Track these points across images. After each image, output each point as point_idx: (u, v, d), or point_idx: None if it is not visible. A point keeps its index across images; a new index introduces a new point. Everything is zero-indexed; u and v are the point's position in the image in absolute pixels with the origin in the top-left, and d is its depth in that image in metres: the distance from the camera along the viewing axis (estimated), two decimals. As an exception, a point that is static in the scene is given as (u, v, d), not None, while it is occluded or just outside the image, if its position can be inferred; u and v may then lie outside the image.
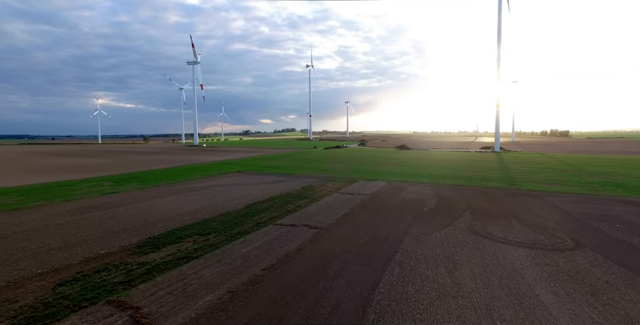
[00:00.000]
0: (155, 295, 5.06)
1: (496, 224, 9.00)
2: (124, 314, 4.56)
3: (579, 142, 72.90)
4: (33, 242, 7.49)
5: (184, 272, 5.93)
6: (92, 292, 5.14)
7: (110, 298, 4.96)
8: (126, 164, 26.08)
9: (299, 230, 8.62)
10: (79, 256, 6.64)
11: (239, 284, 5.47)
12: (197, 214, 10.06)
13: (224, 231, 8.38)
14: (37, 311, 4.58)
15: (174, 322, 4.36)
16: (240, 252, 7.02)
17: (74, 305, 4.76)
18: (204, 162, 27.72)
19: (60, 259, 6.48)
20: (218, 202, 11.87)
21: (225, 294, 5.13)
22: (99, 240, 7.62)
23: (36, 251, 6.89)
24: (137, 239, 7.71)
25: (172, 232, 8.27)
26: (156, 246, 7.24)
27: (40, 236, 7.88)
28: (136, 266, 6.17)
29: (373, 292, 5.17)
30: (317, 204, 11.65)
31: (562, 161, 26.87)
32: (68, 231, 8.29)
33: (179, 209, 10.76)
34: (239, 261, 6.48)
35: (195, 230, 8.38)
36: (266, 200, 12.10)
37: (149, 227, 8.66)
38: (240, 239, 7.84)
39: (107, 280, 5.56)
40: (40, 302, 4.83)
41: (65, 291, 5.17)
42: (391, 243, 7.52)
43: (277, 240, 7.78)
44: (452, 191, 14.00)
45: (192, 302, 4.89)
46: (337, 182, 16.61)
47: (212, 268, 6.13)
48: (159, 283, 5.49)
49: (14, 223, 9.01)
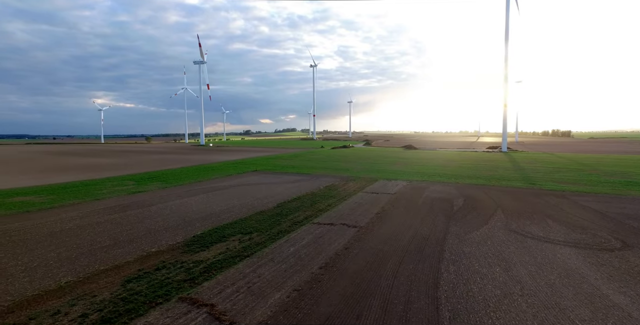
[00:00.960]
0: (223, 293, 5.12)
1: (532, 223, 9.06)
2: (200, 311, 4.62)
3: (582, 142, 72.97)
4: (83, 239, 7.55)
5: (242, 271, 5.99)
6: (161, 289, 5.20)
7: (181, 295, 5.02)
8: (139, 164, 26.13)
9: (339, 229, 8.68)
10: (133, 254, 6.70)
11: (302, 282, 5.53)
12: (231, 213, 10.12)
13: (265, 230, 8.44)
14: (118, 306, 4.65)
15: (253, 319, 4.42)
16: (288, 250, 7.07)
17: (150, 301, 4.82)
18: (217, 161, 27.76)
19: (116, 256, 6.54)
20: (247, 201, 11.92)
21: (292, 292, 5.19)
22: (145, 239, 7.68)
23: (91, 248, 6.96)
24: (181, 238, 7.77)
25: (213, 231, 8.33)
26: (204, 245, 7.30)
27: (88, 234, 7.94)
28: (193, 264, 6.23)
29: (438, 290, 5.24)
30: (346, 203, 11.71)
31: (574, 161, 26.93)
32: (112, 229, 8.35)
33: (210, 208, 10.81)
34: (292, 259, 6.54)
35: (236, 229, 8.44)
36: (294, 200, 12.16)
37: (188, 226, 8.72)
38: (283, 237, 7.89)
39: (170, 278, 5.62)
40: (117, 298, 4.90)
41: (135, 288, 5.23)
42: (435, 241, 7.58)
43: (321, 238, 7.84)
44: (475, 191, 14.05)
45: (263, 299, 4.95)
46: (358, 181, 16.67)
47: (268, 266, 6.19)
48: (222, 281, 5.55)
49: (57, 220, 9.08)
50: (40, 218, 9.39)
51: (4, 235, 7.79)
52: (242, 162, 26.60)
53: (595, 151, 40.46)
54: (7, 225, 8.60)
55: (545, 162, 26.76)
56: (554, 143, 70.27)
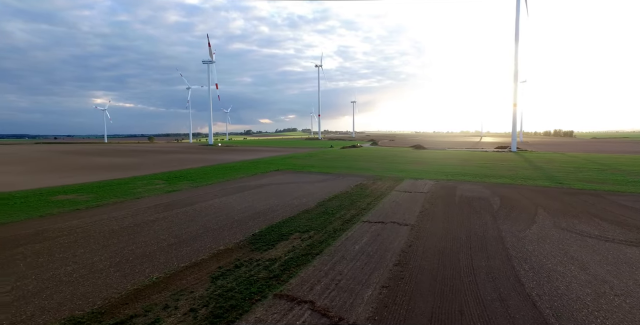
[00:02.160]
0: (314, 290, 5.19)
1: (580, 222, 9.13)
2: (302, 307, 4.69)
3: (587, 142, 73.14)
4: (147, 237, 7.62)
5: (320, 268, 6.06)
6: (252, 286, 5.27)
7: (275, 292, 5.09)
8: (158, 163, 26.17)
9: (391, 227, 8.77)
10: (204, 252, 6.77)
11: (385, 279, 5.61)
12: (277, 212, 10.19)
13: (320, 229, 8.51)
14: (219, 302, 4.73)
15: (359, 315, 4.49)
16: (354, 248, 7.15)
17: (247, 298, 4.89)
18: (234, 161, 27.81)
19: (189, 254, 6.61)
20: (286, 200, 11.99)
21: (381, 289, 5.27)
22: (206, 237, 7.75)
23: (160, 246, 7.03)
24: (242, 236, 7.84)
25: (270, 229, 8.40)
26: (268, 243, 7.37)
27: (148, 231, 8.01)
28: (268, 262, 6.30)
29: (524, 287, 5.31)
30: (385, 202, 11.80)
31: (590, 160, 27.05)
32: (168, 227, 8.41)
33: (253, 207, 10.88)
34: (363, 257, 6.62)
35: (291, 228, 8.51)
36: (332, 199, 12.23)
37: (242, 225, 8.79)
38: (341, 236, 7.97)
39: (254, 276, 5.69)
40: (214, 294, 4.97)
41: (226, 284, 5.30)
42: (493, 239, 7.66)
43: (379, 236, 7.92)
44: (506, 190, 14.13)
45: (357, 296, 5.03)
46: (385, 180, 16.75)
47: (343, 264, 6.26)
48: (306, 278, 5.62)
49: (110, 219, 9.15)
50: (93, 216, 9.45)
51: (71, 233, 7.85)
52: (260, 162, 26.65)
53: (605, 151, 40.58)
54: (66, 223, 8.66)
55: (560, 161, 26.87)
56: (559, 143, 70.43)
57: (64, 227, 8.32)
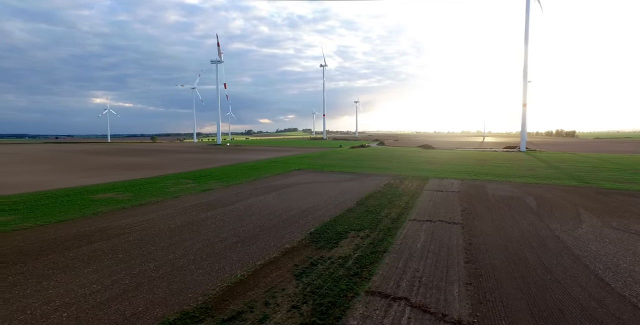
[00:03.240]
0: (402, 287, 5.26)
1: (630, 222, 9.19)
2: (400, 303, 4.76)
3: (593, 142, 73.30)
4: (207, 235, 7.69)
5: (394, 266, 6.12)
6: (338, 283, 5.33)
7: (365, 289, 5.15)
8: (175, 162, 26.21)
9: (441, 225, 8.84)
10: (273, 250, 6.83)
11: (465, 276, 5.67)
12: (322, 211, 10.25)
13: (372, 227, 8.58)
14: (316, 298, 4.79)
15: (459, 311, 4.55)
16: (416, 246, 7.22)
17: (341, 294, 4.95)
18: (250, 160, 27.86)
19: (259, 252, 6.67)
20: (324, 199, 12.05)
21: (466, 286, 5.33)
22: (266, 235, 7.80)
23: (225, 244, 7.09)
24: (300, 235, 7.90)
25: (324, 228, 8.46)
26: (329, 241, 7.43)
27: (205, 230, 8.07)
28: (341, 260, 6.36)
29: (611, 286, 5.36)
30: (422, 201, 11.87)
31: (605, 160, 27.15)
32: (223, 226, 8.47)
33: (296, 205, 10.93)
34: (431, 255, 6.68)
35: (345, 226, 8.57)
36: (369, 198, 12.29)
37: (294, 224, 8.85)
38: (397, 234, 8.04)
39: (334, 273, 5.75)
40: (306, 291, 5.04)
41: (312, 282, 5.37)
42: (549, 238, 7.73)
43: (434, 234, 8.01)
44: (536, 189, 14.21)
45: (446, 293, 5.09)
46: (411, 180, 16.82)
47: (415, 261, 6.33)
48: (387, 276, 5.69)
49: (161, 217, 9.21)
50: (143, 214, 9.51)
51: (132, 231, 7.91)
52: (276, 161, 26.70)
53: (615, 151, 40.71)
54: (122, 221, 8.72)
55: (576, 161, 26.97)
56: (564, 143, 70.58)
57: (123, 225, 8.37)
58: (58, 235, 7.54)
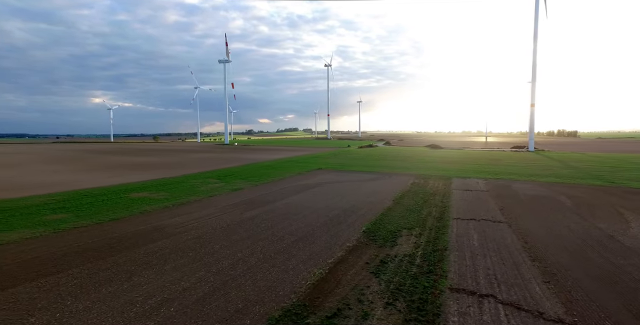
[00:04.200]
0: (482, 284, 5.30)
1: (676, 220, 9.23)
2: (489, 300, 4.81)
3: (596, 142, 73.50)
4: (264, 234, 7.72)
5: (463, 263, 6.17)
6: (418, 280, 5.38)
7: (448, 286, 5.19)
8: (193, 162, 26.23)
9: (487, 224, 8.90)
10: (336, 248, 6.88)
11: (539, 274, 5.71)
12: (362, 210, 10.31)
13: (420, 226, 8.63)
14: (405, 296, 4.82)
15: (554, 309, 4.60)
16: (473, 244, 7.28)
17: (428, 291, 5.00)
18: (266, 160, 27.90)
19: (323, 250, 6.71)
20: (358, 198, 12.10)
21: (545, 283, 5.37)
22: (320, 234, 7.85)
23: (286, 243, 7.13)
24: (354, 233, 7.94)
25: (374, 226, 8.50)
26: (386, 239, 7.48)
27: (259, 229, 8.11)
28: (408, 258, 6.41)
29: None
30: (455, 200, 11.94)
31: (621, 160, 27.27)
32: (273, 225, 8.50)
33: (334, 205, 10.97)
34: (493, 253, 6.73)
35: (394, 225, 8.62)
36: (402, 197, 12.34)
37: (341, 222, 8.89)
38: (448, 232, 8.09)
39: (409, 270, 5.81)
40: (391, 288, 5.08)
41: (391, 279, 5.42)
42: (605, 238, 7.77)
43: (486, 233, 8.06)
44: (564, 189, 14.27)
45: (530, 290, 5.13)
46: (434, 179, 16.88)
47: (480, 259, 6.38)
48: (462, 273, 5.73)
49: (206, 216, 9.24)
50: (187, 213, 9.54)
51: (188, 229, 7.94)
52: (292, 161, 26.75)
53: (624, 151, 40.85)
54: (171, 220, 8.76)
55: (591, 161, 27.07)
56: (568, 143, 70.75)
57: (174, 224, 8.41)
58: (119, 233, 7.57)
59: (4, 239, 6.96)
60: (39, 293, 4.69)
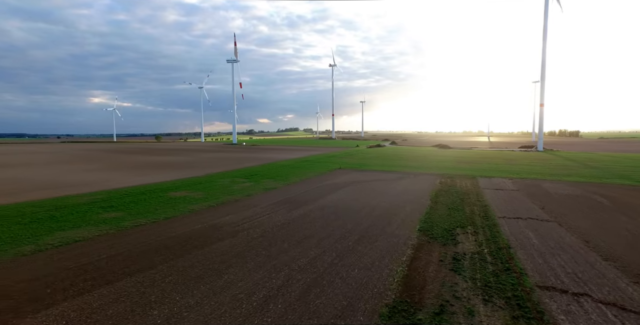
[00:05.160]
0: (565, 282, 5.36)
1: None
2: (586, 299, 4.86)
3: (601, 142, 73.67)
4: (322, 232, 7.78)
5: (534, 261, 6.24)
6: (500, 277, 5.45)
7: (534, 284, 5.25)
8: (211, 162, 26.26)
9: (535, 223, 8.97)
10: (402, 246, 6.94)
11: (623, 274, 5.75)
12: (405, 208, 10.38)
13: (470, 224, 8.70)
14: (498, 293, 4.88)
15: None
16: (533, 242, 7.35)
17: (518, 288, 5.06)
18: (282, 160, 27.95)
19: (390, 248, 6.78)
20: (397, 197, 12.16)
21: (633, 284, 5.40)
22: (378, 232, 7.91)
23: (352, 241, 7.20)
24: (410, 232, 8.01)
25: (426, 225, 8.57)
26: (447, 238, 7.56)
27: (314, 227, 8.16)
28: (478, 256, 6.48)
29: None
30: (490, 199, 12.01)
31: (636, 159, 27.38)
32: (327, 223, 8.55)
33: (375, 204, 11.03)
34: (560, 252, 6.78)
35: (446, 224, 8.70)
36: (437, 196, 12.41)
37: (392, 221, 8.95)
38: (502, 230, 8.16)
39: (486, 268, 5.87)
40: (481, 285, 5.14)
41: (475, 276, 5.49)
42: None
43: (539, 232, 8.12)
44: (597, 188, 14.32)
45: (620, 290, 5.19)
46: (460, 179, 16.96)
47: (549, 257, 6.44)
48: (540, 271, 5.79)
49: (255, 214, 9.29)
50: (235, 212, 9.59)
51: (244, 228, 7.99)
52: (309, 161, 26.80)
53: (632, 151, 40.99)
54: (223, 219, 8.81)
55: (605, 161, 27.18)
56: (573, 143, 70.90)
57: (228, 223, 8.46)
58: (180, 231, 7.63)
59: (79, 236, 7.03)
60: (143, 288, 4.76)
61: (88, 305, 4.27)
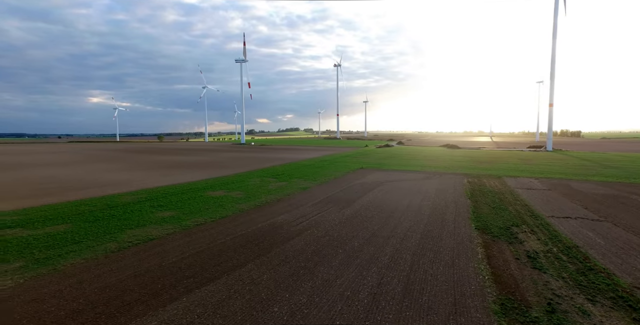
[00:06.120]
0: None
1: None
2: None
3: (606, 142, 73.91)
4: (384, 231, 7.83)
5: (614, 261, 6.28)
6: (588, 276, 5.50)
7: (631, 284, 5.31)
8: (231, 162, 26.28)
9: (588, 222, 9.01)
10: (469, 244, 7.00)
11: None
12: (449, 208, 10.44)
13: (523, 223, 8.76)
14: (601, 292, 4.92)
15: None
16: (598, 242, 7.39)
17: (619, 289, 5.10)
18: (300, 160, 28.00)
19: (460, 245, 6.83)
20: (433, 196, 12.23)
21: None
22: (435, 230, 7.97)
23: (420, 241, 7.25)
24: (468, 230, 8.06)
25: (481, 224, 8.62)
26: (509, 236, 7.62)
27: (374, 226, 8.21)
28: (551, 254, 6.53)
29: None
30: (528, 198, 12.06)
31: (650, 160, 27.48)
32: (387, 222, 8.60)
33: (417, 203, 11.10)
34: (635, 253, 6.85)
35: (499, 222, 8.76)
36: (473, 195, 12.48)
37: (445, 220, 9.01)
38: (557, 230, 8.21)
39: (566, 266, 5.94)
40: (573, 284, 5.18)
41: (560, 274, 5.53)
42: None
43: (598, 231, 8.18)
44: (630, 188, 14.39)
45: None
46: (486, 178, 17.04)
47: (626, 258, 6.49)
48: (626, 270, 5.84)
49: (309, 214, 9.32)
50: (285, 212, 9.62)
51: (305, 228, 8.03)
52: (326, 160, 26.85)
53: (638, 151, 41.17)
54: (278, 218, 8.87)
55: (621, 160, 27.30)
56: (578, 143, 71.11)
57: (286, 222, 8.50)
58: (244, 230, 7.66)
59: (150, 234, 7.09)
60: (247, 285, 4.82)
61: (206, 300, 4.33)
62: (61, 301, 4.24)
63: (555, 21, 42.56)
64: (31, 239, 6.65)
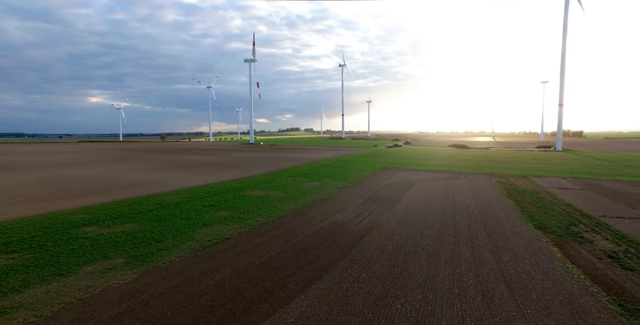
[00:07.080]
0: None
1: None
2: None
3: (610, 142, 74.11)
4: (449, 230, 7.85)
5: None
6: None
7: None
8: (250, 161, 26.27)
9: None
10: (538, 243, 7.03)
11: None
12: (493, 207, 10.49)
13: (579, 222, 8.78)
14: None
15: None
16: (662, 240, 7.42)
17: None
18: (317, 159, 28.02)
19: (532, 244, 6.87)
20: (471, 196, 12.29)
21: None
22: (497, 229, 8.00)
23: (486, 240, 7.27)
24: (529, 229, 8.10)
25: (538, 223, 8.65)
26: (575, 236, 7.64)
27: (436, 227, 8.23)
28: (629, 255, 6.57)
29: None
30: (567, 198, 12.08)
31: (667, 160, 27.58)
32: (444, 221, 8.63)
33: (460, 202, 11.14)
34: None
35: (554, 222, 8.79)
36: (510, 195, 12.50)
37: (498, 218, 9.06)
38: (623, 230, 8.22)
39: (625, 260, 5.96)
40: None
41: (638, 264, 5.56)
42: None
43: (656, 230, 8.20)
44: (657, 187, 14.44)
45: None
46: (514, 178, 17.09)
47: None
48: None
49: (362, 213, 9.34)
50: (337, 211, 9.62)
51: (370, 227, 8.04)
52: (345, 160, 26.87)
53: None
54: (333, 217, 8.85)
55: (637, 160, 27.39)
56: (583, 143, 71.29)
57: (345, 221, 8.52)
58: (308, 230, 7.64)
59: (223, 233, 7.11)
60: (351, 284, 4.83)
61: (325, 298, 4.36)
62: (186, 296, 4.27)
63: (566, 21, 42.66)
64: (113, 236, 6.67)
